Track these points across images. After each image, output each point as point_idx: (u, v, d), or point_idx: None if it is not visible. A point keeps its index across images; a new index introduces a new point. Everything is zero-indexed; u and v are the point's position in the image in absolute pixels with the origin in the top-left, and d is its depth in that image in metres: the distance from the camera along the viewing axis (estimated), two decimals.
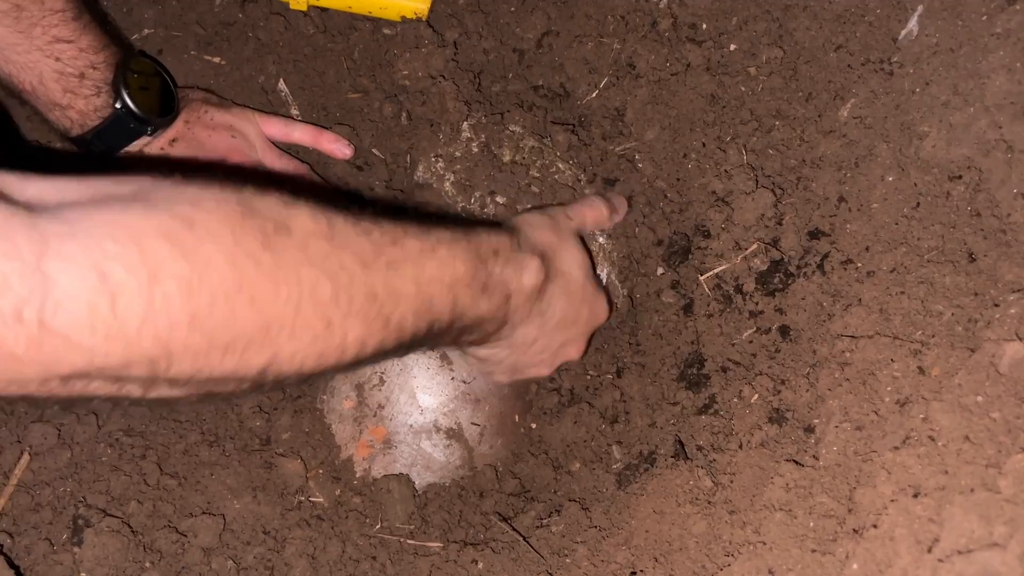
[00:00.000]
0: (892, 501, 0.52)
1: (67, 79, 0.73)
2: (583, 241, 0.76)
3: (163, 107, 0.80)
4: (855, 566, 0.51)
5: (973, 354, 0.54)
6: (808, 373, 0.66)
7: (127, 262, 0.39)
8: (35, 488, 0.69)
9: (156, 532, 0.68)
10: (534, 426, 0.83)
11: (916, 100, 0.67)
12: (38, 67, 0.72)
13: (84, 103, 0.75)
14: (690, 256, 0.81)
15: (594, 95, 0.87)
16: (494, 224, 0.70)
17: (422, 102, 0.85)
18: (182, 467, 0.72)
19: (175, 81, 0.84)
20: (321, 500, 0.75)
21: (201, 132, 0.82)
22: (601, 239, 0.82)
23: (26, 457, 0.69)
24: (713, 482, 0.67)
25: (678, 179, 0.83)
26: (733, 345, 0.74)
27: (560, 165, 0.83)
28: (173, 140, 0.81)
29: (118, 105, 0.75)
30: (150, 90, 0.78)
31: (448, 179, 0.82)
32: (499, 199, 0.81)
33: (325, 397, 0.79)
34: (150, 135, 0.79)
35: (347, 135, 0.88)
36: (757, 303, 0.73)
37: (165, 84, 0.81)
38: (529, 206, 0.80)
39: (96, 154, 0.79)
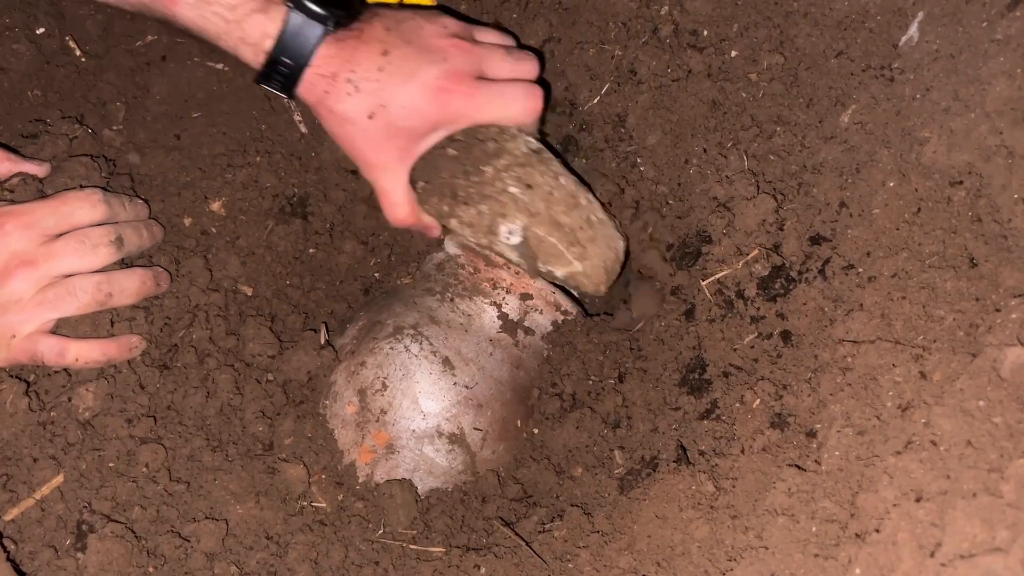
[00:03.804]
0: (894, 505, 0.52)
1: None
2: None
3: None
4: (858, 571, 0.51)
5: (975, 359, 0.55)
6: (810, 378, 0.66)
7: None
8: None
9: (159, 537, 0.68)
10: (536, 431, 0.83)
11: (917, 106, 0.67)
12: None
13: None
14: (697, 260, 0.81)
15: (596, 101, 0.88)
16: None
17: None
18: (185, 472, 0.72)
19: None
20: (324, 505, 0.75)
21: None
22: None
23: (60, 477, 0.68)
24: (715, 487, 0.67)
25: (679, 184, 0.83)
26: (735, 350, 0.74)
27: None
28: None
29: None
30: None
31: None
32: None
33: (328, 402, 0.79)
34: (332, 31, 0.74)
35: None
36: (759, 308, 0.74)
37: None
38: None
39: (289, 78, 0.75)
